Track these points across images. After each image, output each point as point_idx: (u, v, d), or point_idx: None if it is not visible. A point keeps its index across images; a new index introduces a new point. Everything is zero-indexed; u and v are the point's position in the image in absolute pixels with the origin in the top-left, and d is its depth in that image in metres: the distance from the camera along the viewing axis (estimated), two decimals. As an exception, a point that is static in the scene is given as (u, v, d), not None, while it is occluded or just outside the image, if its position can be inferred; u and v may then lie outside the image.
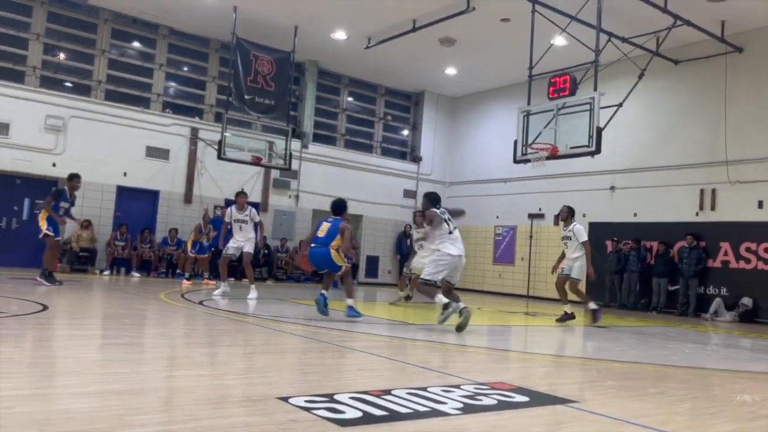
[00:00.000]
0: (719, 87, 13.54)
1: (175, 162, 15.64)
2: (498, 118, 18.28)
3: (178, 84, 16.49)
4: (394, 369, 4.95)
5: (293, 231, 17.36)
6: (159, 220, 15.46)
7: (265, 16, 14.50)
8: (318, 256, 8.20)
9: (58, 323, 6.53)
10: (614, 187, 15.48)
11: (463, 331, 7.25)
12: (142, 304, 8.84)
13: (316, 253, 8.22)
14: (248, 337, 6.37)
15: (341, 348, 5.80)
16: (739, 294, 12.73)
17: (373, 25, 14.57)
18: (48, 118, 13.98)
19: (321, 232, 8.28)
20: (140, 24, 15.59)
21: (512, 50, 14.66)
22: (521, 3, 11.88)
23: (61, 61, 14.89)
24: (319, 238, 8.24)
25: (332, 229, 8.25)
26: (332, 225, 8.29)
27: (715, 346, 8.47)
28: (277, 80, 15.32)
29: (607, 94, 11.51)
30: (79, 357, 4.64)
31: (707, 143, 13.79)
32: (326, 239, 8.18)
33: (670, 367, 5.94)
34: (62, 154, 14.22)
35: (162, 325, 7.07)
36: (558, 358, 6.56)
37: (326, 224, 8.35)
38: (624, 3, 11.62)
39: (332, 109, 18.75)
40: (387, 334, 7.26)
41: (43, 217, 10.19)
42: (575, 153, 10.99)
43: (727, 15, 12.54)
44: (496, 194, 18.31)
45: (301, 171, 17.38)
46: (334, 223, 8.33)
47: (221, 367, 4.67)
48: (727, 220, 13.27)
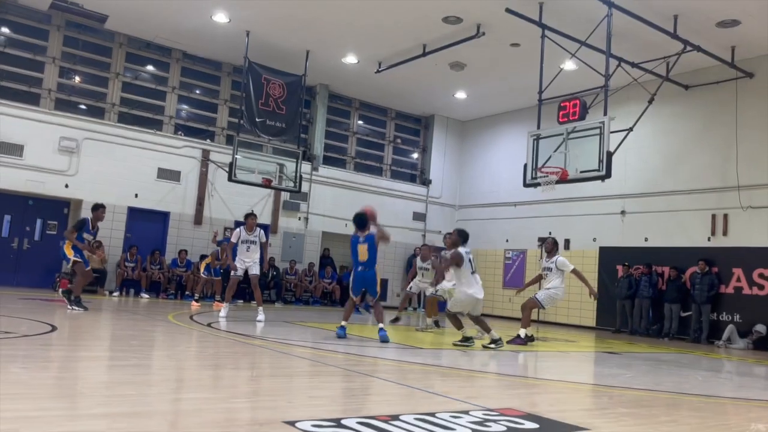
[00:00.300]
0: (730, 112, 13.51)
1: (186, 184, 15.75)
2: (508, 142, 18.31)
3: (191, 107, 16.67)
4: (402, 394, 4.90)
5: (302, 253, 17.36)
6: (169, 242, 15.52)
7: (277, 41, 14.68)
8: (368, 279, 8.41)
9: (65, 344, 6.54)
10: (625, 212, 15.40)
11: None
12: (151, 325, 8.83)
13: (366, 277, 8.41)
14: (255, 359, 6.34)
15: (349, 372, 5.75)
16: (752, 321, 12.55)
17: (384, 49, 14.71)
18: (62, 139, 14.14)
19: (362, 255, 8.39)
20: (154, 48, 15.83)
21: (522, 75, 14.74)
22: (531, 28, 11.97)
23: (76, 83, 15.11)
24: (363, 262, 8.39)
25: (372, 251, 8.41)
26: (370, 246, 8.40)
27: (729, 374, 8.33)
28: (288, 103, 15.46)
29: (617, 118, 11.53)
30: (86, 378, 4.63)
31: (718, 168, 13.72)
32: (370, 262, 8.40)
33: (682, 395, 5.84)
34: (75, 175, 14.35)
35: (170, 346, 7.05)
36: (568, 384, 6.47)
37: (362, 246, 8.44)
38: (633, 28, 11.67)
39: (342, 132, 18.86)
40: (395, 358, 7.20)
41: (69, 246, 9.99)
42: (585, 177, 10.97)
43: (737, 40, 12.56)
44: (506, 218, 18.26)
45: (311, 193, 17.44)
46: (370, 242, 8.42)
47: (228, 390, 4.64)
48: (739, 246, 13.14)
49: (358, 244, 8.49)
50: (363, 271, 8.40)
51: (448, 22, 12.81)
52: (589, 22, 11.25)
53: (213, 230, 15.14)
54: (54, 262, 14.56)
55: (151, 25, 14.59)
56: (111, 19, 14.30)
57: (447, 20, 12.76)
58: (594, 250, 15.80)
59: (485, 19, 12.57)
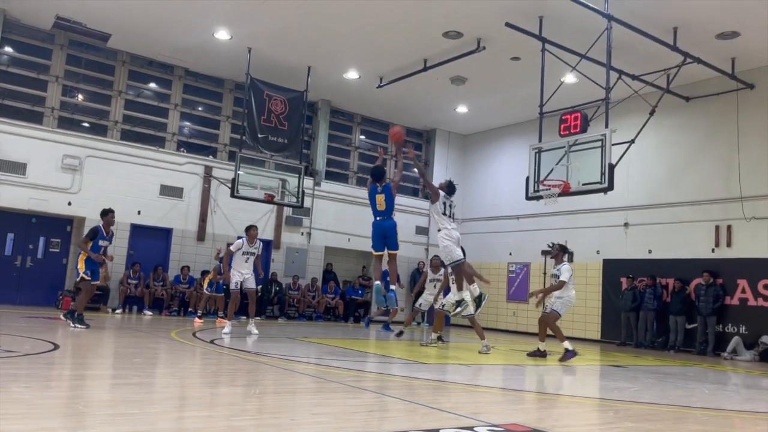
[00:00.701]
0: (731, 123, 13.52)
1: (188, 200, 15.78)
2: (509, 155, 18.33)
3: (193, 123, 16.74)
4: (406, 410, 4.86)
5: (305, 268, 17.34)
6: (172, 258, 15.51)
7: (279, 57, 14.77)
8: (388, 228, 8.27)
9: (68, 363, 6.52)
10: (628, 224, 15.37)
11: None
12: (154, 342, 8.81)
13: (385, 226, 8.28)
14: (259, 376, 6.31)
15: (352, 388, 5.72)
16: (758, 332, 12.47)
17: (385, 64, 14.78)
18: (65, 157, 14.20)
19: (380, 204, 8.29)
20: (156, 65, 15.93)
21: (523, 88, 14.80)
22: (531, 42, 12.03)
23: (79, 102, 15.20)
24: (381, 211, 8.28)
25: (389, 200, 8.31)
26: (387, 195, 8.30)
27: (735, 387, 8.26)
28: (290, 119, 15.53)
29: (618, 130, 11.55)
30: (89, 397, 4.61)
31: (721, 179, 13.70)
32: (388, 211, 8.30)
33: (688, 408, 5.79)
34: (78, 193, 14.39)
35: (172, 364, 7.03)
36: (574, 398, 6.42)
37: (380, 196, 8.34)
38: (633, 41, 11.72)
39: (344, 147, 18.92)
40: (399, 373, 7.16)
41: (83, 259, 9.89)
42: (588, 190, 10.97)
43: (736, 52, 12.60)
44: (509, 231, 18.23)
45: (313, 208, 17.46)
46: (387, 192, 8.33)
47: (231, 408, 4.61)
48: (743, 257, 13.09)
49: (376, 193, 8.39)
50: (381, 221, 8.29)
51: (449, 36, 12.89)
52: (589, 35, 11.30)
53: (216, 247, 15.14)
54: (57, 279, 14.58)
55: (154, 43, 14.70)
56: (114, 37, 14.42)
57: (447, 35, 12.83)
58: (598, 263, 15.75)
59: (486, 34, 12.64)
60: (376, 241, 8.38)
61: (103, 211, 10.37)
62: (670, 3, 10.90)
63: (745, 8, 10.92)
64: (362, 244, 18.32)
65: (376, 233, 8.36)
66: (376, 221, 8.38)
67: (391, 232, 8.34)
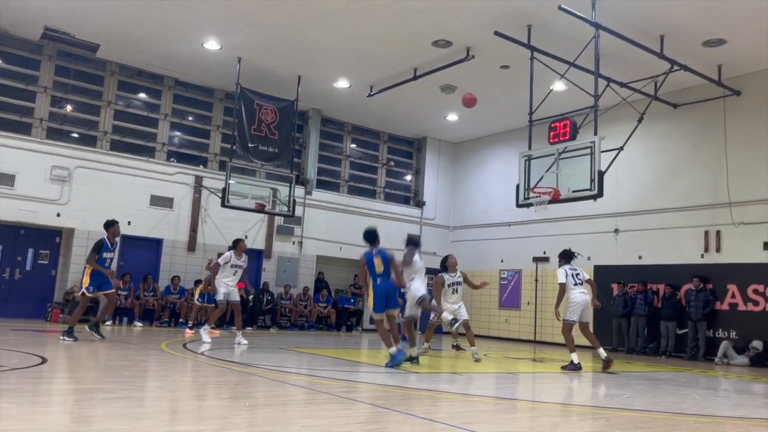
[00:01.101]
0: (719, 129, 13.63)
1: (179, 210, 15.72)
2: (500, 162, 18.39)
3: (183, 133, 16.70)
4: (397, 421, 4.84)
5: (297, 278, 17.29)
6: (162, 269, 15.43)
7: (269, 67, 14.78)
8: (389, 289, 8.38)
9: (57, 377, 6.45)
10: (618, 230, 15.43)
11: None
12: (143, 355, 8.74)
13: (387, 287, 8.36)
14: (249, 388, 6.26)
15: (344, 399, 5.69)
16: (748, 337, 12.53)
17: (375, 73, 14.81)
18: (54, 168, 14.12)
19: (378, 267, 8.38)
20: (146, 75, 15.89)
21: (512, 96, 14.87)
22: (520, 50, 12.09)
23: (68, 112, 15.13)
24: (380, 274, 8.36)
25: (386, 262, 8.41)
26: (383, 258, 8.39)
27: (726, 392, 8.28)
28: (280, 128, 15.51)
29: (607, 138, 11.60)
30: (75, 413, 4.55)
31: (710, 185, 13.79)
32: (387, 272, 8.37)
33: (681, 415, 5.79)
34: (67, 204, 14.31)
35: (162, 377, 6.97)
36: (566, 406, 6.41)
37: (377, 258, 8.41)
38: (621, 49, 11.81)
39: (335, 155, 18.92)
40: (390, 383, 7.13)
41: (88, 273, 9.81)
42: (577, 197, 11.00)
43: (723, 59, 12.71)
44: (500, 238, 18.26)
45: (304, 217, 17.43)
46: (383, 255, 8.42)
47: (221, 421, 4.57)
48: (733, 262, 13.16)
49: (372, 258, 8.44)
50: (382, 283, 8.36)
51: (438, 45, 12.94)
52: (577, 44, 11.37)
53: (207, 258, 15.07)
54: (46, 292, 14.46)
55: (143, 53, 14.67)
56: (102, 48, 14.38)
57: (437, 44, 12.88)
58: (589, 269, 15.76)
59: (475, 42, 12.70)
60: (378, 304, 8.43)
61: (107, 222, 10.25)
62: (656, 11, 11.00)
63: (731, 16, 11.03)
64: (354, 252, 18.26)
65: (378, 296, 8.40)
66: (377, 284, 8.42)
67: (392, 292, 8.49)
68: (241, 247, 10.80)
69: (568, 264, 9.98)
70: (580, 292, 9.73)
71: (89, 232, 14.45)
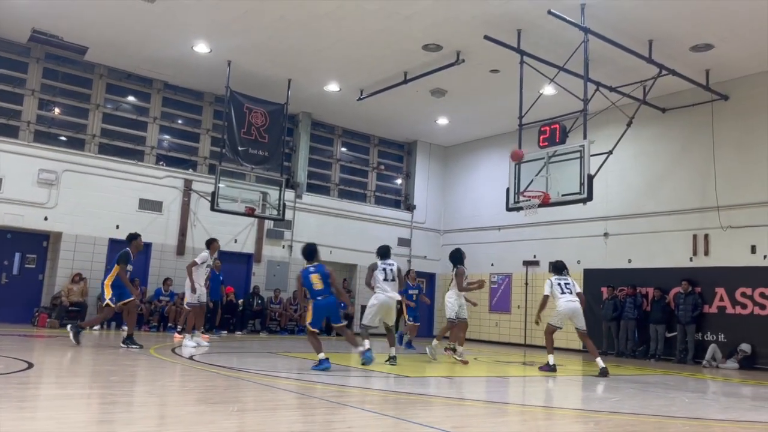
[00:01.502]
0: (707, 134, 13.73)
1: (168, 214, 15.63)
2: (490, 166, 18.43)
3: (172, 137, 16.61)
4: (386, 425, 4.82)
5: (287, 281, 17.23)
6: (151, 273, 15.32)
7: (259, 70, 14.74)
8: (331, 306, 8.39)
9: (42, 382, 6.37)
10: (608, 234, 15.50)
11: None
12: (132, 360, 8.66)
13: (328, 304, 8.36)
14: (238, 393, 6.22)
15: (334, 404, 5.66)
16: (737, 340, 12.61)
17: (365, 77, 14.81)
18: (41, 172, 14.01)
19: (317, 284, 8.32)
20: (135, 79, 15.80)
21: (502, 100, 14.91)
22: (510, 54, 12.13)
23: (56, 115, 15.02)
24: (320, 291, 8.31)
25: (325, 278, 8.37)
26: (321, 274, 8.38)
27: (715, 395, 8.32)
28: (270, 132, 15.47)
29: (596, 142, 11.65)
30: (61, 419, 4.50)
31: (698, 189, 13.88)
32: (327, 289, 8.35)
33: (670, 418, 5.81)
34: (54, 207, 14.19)
35: (150, 382, 6.91)
36: (556, 410, 6.41)
37: (314, 275, 8.37)
38: (610, 53, 11.88)
39: (326, 159, 18.89)
40: (381, 388, 7.11)
41: (109, 284, 9.81)
42: (567, 200, 11.04)
43: (710, 64, 12.81)
44: (491, 242, 18.29)
45: (294, 221, 17.37)
46: (321, 272, 8.41)
47: (209, 426, 4.53)
48: (721, 266, 13.25)
49: (309, 275, 8.38)
50: (323, 300, 8.34)
51: (429, 49, 12.95)
52: (567, 48, 11.42)
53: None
54: (33, 296, 14.32)
55: (132, 57, 14.59)
56: (91, 50, 14.29)
57: (427, 48, 12.90)
58: (578, 273, 15.82)
59: (465, 47, 12.73)
60: (316, 320, 8.42)
61: (130, 235, 10.39)
62: (645, 16, 11.07)
63: (719, 21, 11.12)
64: (344, 256, 18.28)
65: (318, 313, 8.40)
66: (318, 301, 8.34)
67: (334, 309, 8.54)
68: (214, 247, 11.14)
69: (557, 275, 10.15)
70: (567, 300, 9.93)
71: (77, 236, 14.35)
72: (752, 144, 13.15)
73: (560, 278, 10.08)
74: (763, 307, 12.55)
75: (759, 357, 12.33)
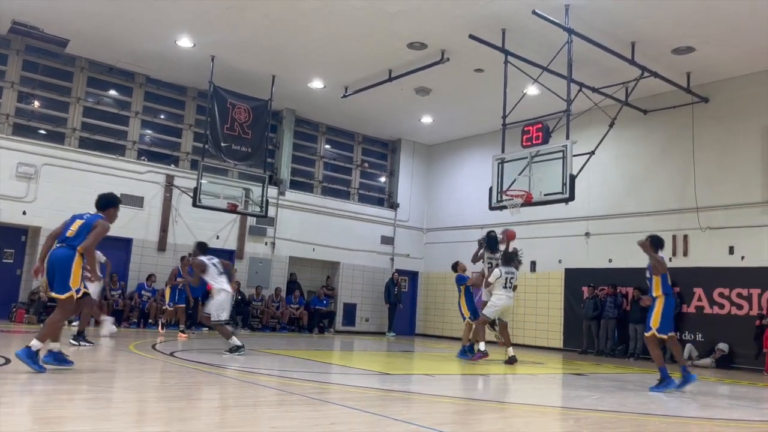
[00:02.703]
0: (687, 136, 13.89)
1: (149, 209, 15.48)
2: (473, 165, 18.48)
3: (154, 131, 16.45)
4: (367, 422, 4.82)
5: (269, 278, 17.16)
6: (132, 269, 15.18)
7: (243, 66, 14.65)
8: (57, 260, 6.26)
9: (20, 378, 6.28)
10: (589, 234, 15.62)
11: None
12: (111, 356, 8.58)
13: (56, 257, 6.29)
14: (219, 390, 6.19)
15: (314, 401, 5.65)
16: (714, 339, 12.79)
17: (350, 74, 14.78)
18: (20, 165, 13.81)
19: (71, 231, 6.44)
20: (116, 72, 15.63)
21: (486, 99, 14.96)
22: (494, 54, 12.18)
23: (36, 108, 14.81)
24: (67, 238, 6.40)
25: (85, 228, 6.44)
26: (86, 222, 6.53)
27: (692, 394, 8.43)
28: (254, 128, 15.39)
29: (579, 142, 11.74)
30: (38, 415, 4.44)
31: (678, 190, 14.05)
32: (76, 239, 6.36)
33: (647, 415, 5.87)
34: (33, 202, 13.99)
35: (129, 378, 6.85)
36: (535, 407, 6.46)
37: (80, 221, 6.54)
38: (593, 54, 11.97)
39: (309, 156, 18.83)
40: (363, 384, 7.11)
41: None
42: (549, 200, 11.12)
43: (692, 67, 12.97)
44: (473, 240, 18.22)
45: (277, 218, 17.30)
46: (91, 218, 6.60)
47: (189, 423, 4.50)
48: (699, 266, 13.42)
49: (76, 218, 6.63)
50: (56, 249, 6.39)
51: (413, 47, 12.96)
52: (551, 48, 11.50)
53: (186, 258, 14.83)
54: (11, 291, 14.12)
55: (114, 50, 14.43)
56: (72, 43, 14.10)
57: (412, 46, 12.91)
58: (560, 272, 15.96)
59: (449, 45, 12.76)
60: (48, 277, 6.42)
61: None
62: (628, 18, 11.17)
63: (700, 24, 11.25)
64: (327, 253, 18.26)
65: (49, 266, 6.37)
66: (52, 250, 6.43)
67: (63, 266, 6.32)
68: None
69: (506, 267, 10.40)
70: (507, 296, 10.31)
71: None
72: (731, 146, 13.34)
73: (508, 271, 10.36)
74: (740, 307, 12.74)
75: (736, 356, 12.52)
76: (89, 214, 6.77)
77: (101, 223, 6.60)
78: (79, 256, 6.37)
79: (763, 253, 12.61)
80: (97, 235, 6.43)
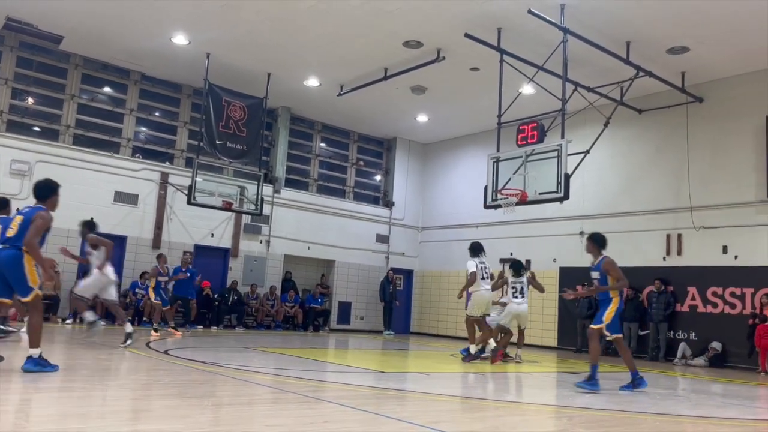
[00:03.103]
0: (682, 135, 13.93)
1: (143, 207, 15.44)
2: (469, 164, 18.50)
3: (149, 129, 16.40)
4: (362, 420, 4.82)
5: (264, 277, 17.14)
6: (126, 266, 15.13)
7: (238, 63, 14.61)
8: (2, 263, 5.99)
9: (11, 376, 6.25)
10: (583, 232, 15.62)
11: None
12: (105, 354, 8.55)
13: (1, 261, 6.01)
14: (213, 388, 6.18)
15: (310, 399, 5.65)
16: (708, 338, 12.84)
17: (346, 72, 14.77)
18: (13, 162, 13.76)
19: (11, 230, 6.09)
20: (111, 69, 15.57)
21: (482, 98, 14.97)
22: (490, 53, 12.18)
23: (30, 105, 14.74)
24: (9, 238, 6.06)
25: (24, 224, 6.07)
26: (25, 217, 6.11)
27: (685, 392, 8.47)
28: (249, 126, 15.36)
29: (574, 141, 11.76)
30: (31, 412, 4.43)
31: (672, 189, 14.09)
32: (18, 239, 6.01)
33: (641, 414, 5.90)
34: (27, 199, 13.87)
35: (123, 375, 6.83)
36: (530, 405, 6.48)
37: (19, 217, 6.13)
38: (588, 54, 11.99)
39: (305, 154, 18.81)
40: (358, 383, 7.11)
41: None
42: (544, 199, 11.14)
43: (686, 66, 13.00)
44: (468, 239, 18.22)
45: (272, 216, 17.28)
46: (30, 212, 6.17)
47: (183, 421, 4.49)
48: (693, 265, 13.47)
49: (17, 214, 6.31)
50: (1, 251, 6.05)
51: (409, 46, 12.96)
52: (546, 48, 11.51)
53: (183, 256, 14.78)
54: None
55: (109, 47, 14.37)
56: (66, 40, 14.05)
57: (408, 45, 12.90)
58: (554, 271, 15.99)
59: (445, 44, 12.76)
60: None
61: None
62: (623, 18, 11.19)
63: (695, 24, 11.28)
64: (322, 252, 18.25)
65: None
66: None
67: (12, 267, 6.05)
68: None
69: (477, 257, 10.42)
70: (486, 289, 10.32)
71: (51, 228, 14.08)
72: (725, 146, 13.39)
73: (480, 262, 10.32)
74: (733, 306, 12.79)
75: (729, 355, 12.58)
76: (28, 207, 6.30)
77: (40, 215, 6.18)
78: (27, 254, 6.09)
79: (757, 253, 12.67)
80: (37, 229, 6.07)
